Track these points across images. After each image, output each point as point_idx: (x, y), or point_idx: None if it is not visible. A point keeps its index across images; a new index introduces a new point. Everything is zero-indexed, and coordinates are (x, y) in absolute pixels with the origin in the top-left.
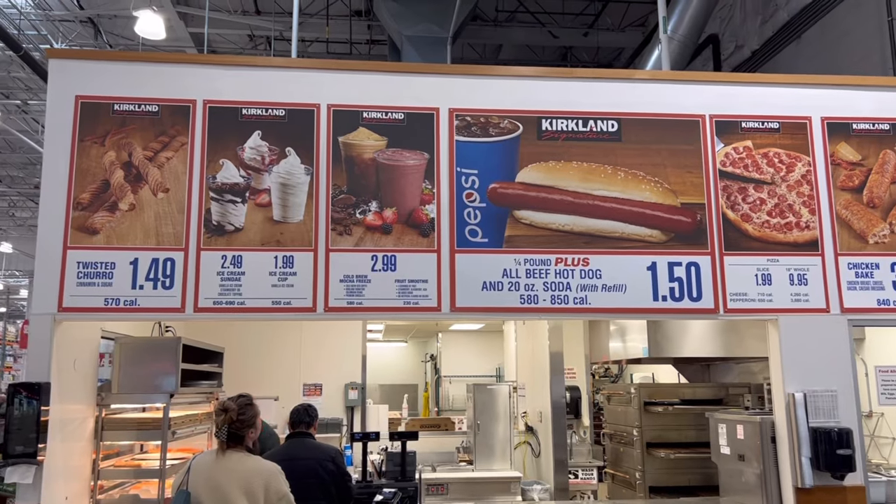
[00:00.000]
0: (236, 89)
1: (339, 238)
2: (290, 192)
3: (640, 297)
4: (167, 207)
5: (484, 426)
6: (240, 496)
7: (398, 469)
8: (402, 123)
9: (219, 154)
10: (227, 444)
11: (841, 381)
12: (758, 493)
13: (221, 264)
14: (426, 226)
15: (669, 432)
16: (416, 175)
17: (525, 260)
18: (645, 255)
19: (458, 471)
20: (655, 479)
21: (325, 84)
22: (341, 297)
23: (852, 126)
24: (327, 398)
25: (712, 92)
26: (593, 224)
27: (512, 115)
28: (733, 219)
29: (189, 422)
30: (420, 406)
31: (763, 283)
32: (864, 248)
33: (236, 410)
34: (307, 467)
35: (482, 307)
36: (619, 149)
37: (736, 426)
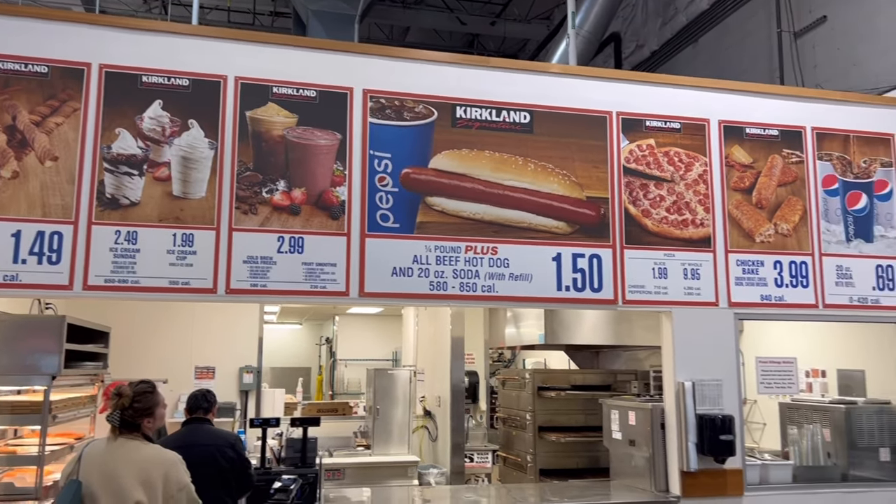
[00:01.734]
0: (136, 55)
1: (243, 217)
2: (193, 166)
3: (545, 286)
4: (55, 177)
5: (383, 411)
6: (136, 487)
7: (298, 455)
8: (314, 101)
9: (115, 123)
10: (119, 430)
11: (726, 370)
12: (646, 476)
13: (115, 240)
14: (336, 208)
15: (560, 416)
16: (328, 155)
17: (436, 247)
18: (551, 246)
19: (355, 455)
20: (545, 462)
21: (233, 55)
22: (244, 279)
23: (745, 130)
24: (220, 381)
25: (620, 90)
26: (503, 213)
27: (427, 100)
28: (634, 214)
29: (71, 405)
30: (313, 390)
31: (659, 276)
32: (751, 246)
33: (130, 397)
34: (205, 454)
35: (391, 293)
36: (531, 140)
37: (628, 412)
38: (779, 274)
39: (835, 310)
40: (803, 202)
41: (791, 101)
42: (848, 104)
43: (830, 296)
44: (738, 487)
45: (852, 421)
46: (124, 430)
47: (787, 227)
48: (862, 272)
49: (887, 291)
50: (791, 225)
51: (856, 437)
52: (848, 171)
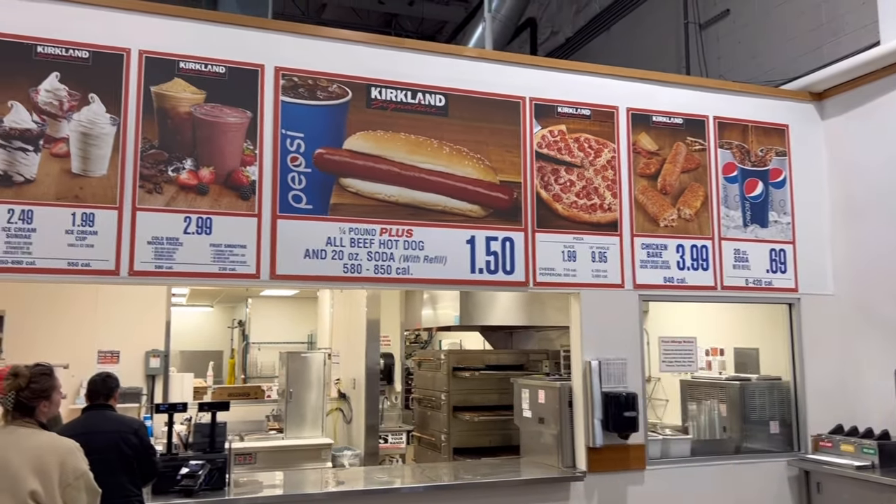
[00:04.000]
0: (30, 23)
1: (147, 196)
2: (93, 142)
3: (459, 269)
4: None
5: (296, 394)
6: (30, 476)
7: (206, 440)
8: (224, 78)
9: (7, 95)
10: (12, 413)
11: (630, 350)
12: (555, 453)
13: (8, 219)
14: (246, 188)
15: (474, 396)
16: (237, 134)
17: (350, 229)
18: (465, 229)
19: (267, 439)
20: (459, 441)
21: (136, 27)
22: (148, 261)
23: (652, 118)
24: (125, 366)
25: (533, 76)
26: (418, 196)
27: (341, 79)
28: (546, 198)
29: None
30: (225, 373)
31: (569, 259)
32: (655, 230)
33: (28, 377)
34: (107, 441)
35: (304, 275)
36: (446, 124)
37: (538, 391)
38: (681, 257)
39: (732, 291)
40: (705, 188)
41: (695, 90)
42: (747, 95)
43: (728, 278)
44: (641, 461)
45: (746, 396)
46: (17, 415)
47: (690, 212)
48: (757, 256)
49: (780, 274)
50: (693, 210)
51: (749, 412)
52: (746, 159)
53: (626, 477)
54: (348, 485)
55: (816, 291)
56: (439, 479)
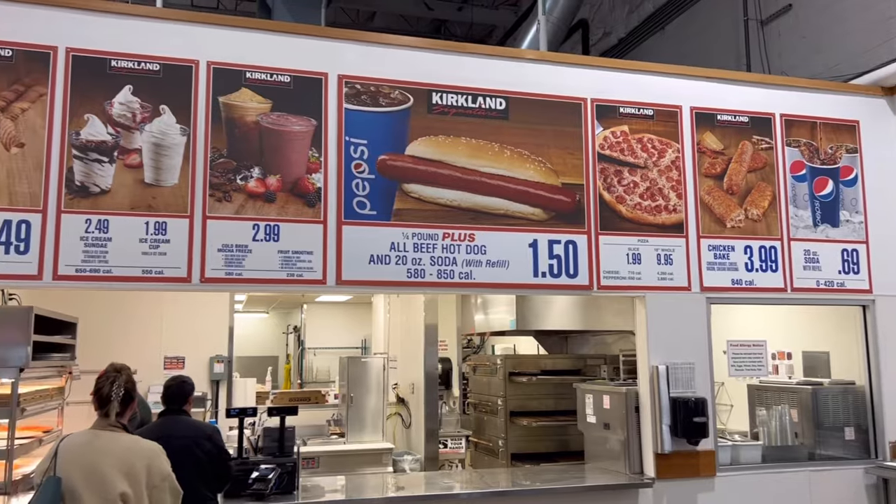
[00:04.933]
0: (105, 38)
1: (217, 205)
2: (164, 153)
3: (521, 273)
4: (22, 164)
5: (356, 399)
6: (120, 479)
7: (275, 445)
8: (289, 87)
9: (84, 108)
10: (106, 413)
11: (698, 354)
12: (621, 459)
13: (85, 229)
14: (312, 195)
15: (531, 401)
16: (303, 142)
17: (413, 234)
18: (527, 233)
19: (329, 444)
20: (517, 447)
21: (204, 39)
22: (219, 268)
23: (717, 117)
24: (190, 371)
25: (594, 76)
26: (480, 200)
27: (403, 86)
28: (609, 200)
29: (39, 398)
30: (281, 379)
31: (633, 261)
32: (722, 231)
33: (129, 372)
34: (182, 446)
35: (369, 280)
36: (506, 127)
37: (602, 396)
38: (749, 259)
39: (803, 293)
40: (772, 188)
41: (761, 88)
42: (815, 91)
43: (799, 279)
44: (711, 468)
45: (818, 401)
46: (108, 416)
47: (757, 212)
48: (828, 256)
49: (852, 275)
50: (761, 210)
51: (822, 417)
52: (815, 157)
53: (696, 484)
54: (411, 490)
55: (892, 292)
56: (502, 485)
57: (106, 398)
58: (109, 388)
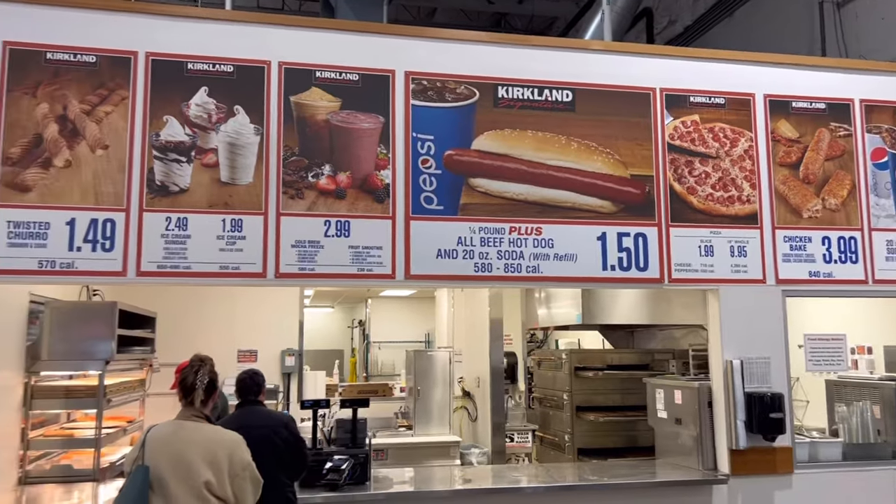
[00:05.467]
0: (181, 42)
1: (290, 202)
2: (239, 152)
3: (589, 266)
4: (106, 165)
5: (423, 392)
6: (204, 468)
7: (348, 436)
8: (357, 85)
9: (162, 110)
10: (191, 402)
11: (774, 348)
12: (693, 455)
13: (166, 226)
14: (381, 192)
15: (597, 396)
16: (371, 139)
17: (480, 228)
18: (595, 226)
19: (398, 436)
20: (584, 442)
21: (275, 40)
22: (293, 263)
23: (791, 104)
24: (262, 364)
25: (663, 66)
26: (547, 194)
27: (469, 80)
28: (679, 191)
29: (123, 389)
30: (347, 372)
31: (706, 254)
32: (798, 221)
33: (212, 361)
34: (261, 436)
35: (437, 275)
36: (573, 119)
37: (674, 391)
38: (827, 250)
39: (885, 285)
40: (852, 176)
41: (838, 73)
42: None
43: (881, 271)
44: (788, 465)
45: None
46: (200, 400)
47: (836, 201)
48: None
49: None
50: (839, 200)
51: None
52: None
53: (773, 481)
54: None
55: None
56: (569, 480)
57: (190, 387)
58: (194, 378)
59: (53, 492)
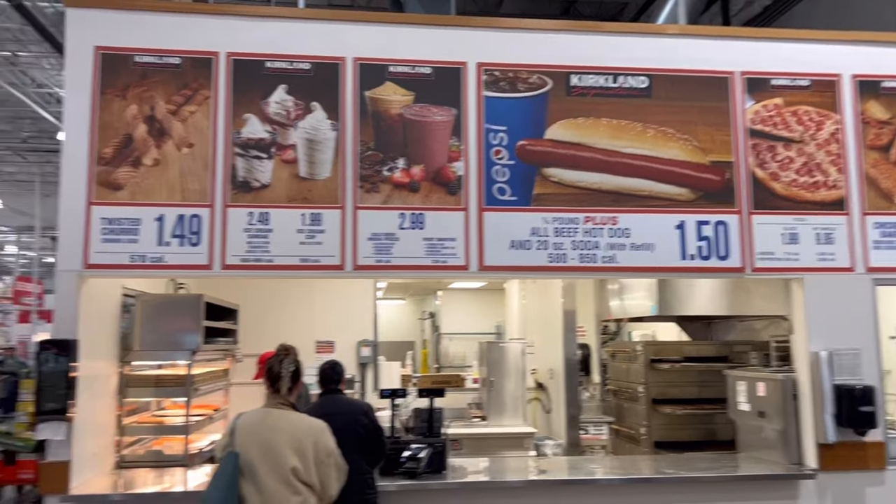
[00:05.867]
0: (260, 41)
1: (366, 195)
2: (317, 148)
3: (668, 255)
4: (192, 163)
5: (496, 383)
6: (291, 454)
7: (425, 425)
8: (430, 78)
9: (243, 108)
10: (277, 390)
11: (864, 339)
12: (778, 449)
13: (248, 221)
14: (454, 184)
15: (673, 389)
16: (444, 132)
17: (553, 218)
18: (673, 214)
19: (472, 427)
20: (660, 435)
21: (350, 37)
22: (370, 255)
23: (881, 84)
24: (339, 355)
25: (742, 48)
26: (622, 182)
27: (541, 70)
28: (762, 177)
29: (210, 378)
30: (418, 363)
31: (790, 242)
32: (890, 207)
33: (296, 351)
34: (343, 423)
35: (510, 266)
36: (649, 105)
37: (757, 384)
38: None
39: None
40: None
41: None
42: None
43: None
44: (880, 461)
45: None
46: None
47: None
48: None
49: None
50: None
51: None
52: None
53: (864, 477)
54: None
55: None
56: (646, 472)
57: (276, 375)
58: (279, 367)
59: (147, 476)
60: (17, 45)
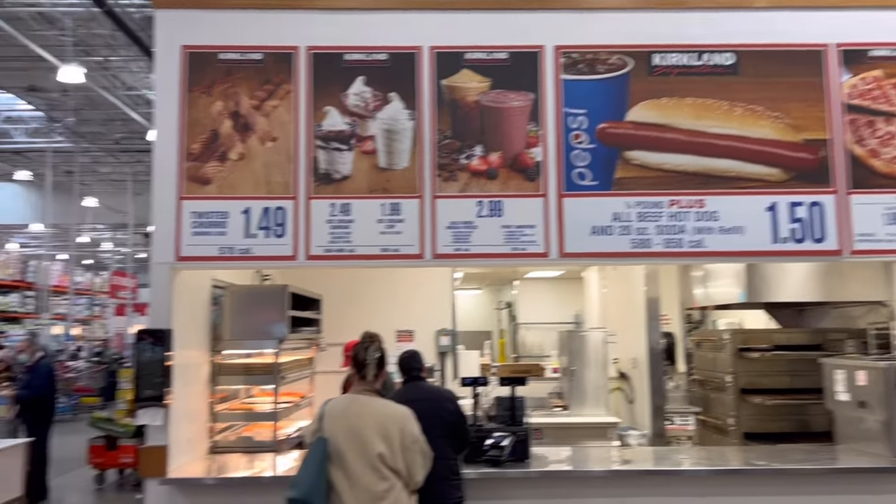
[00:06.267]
0: (338, 34)
1: (444, 184)
2: (395, 138)
3: (758, 239)
4: (275, 156)
5: (577, 372)
6: (378, 440)
7: (507, 413)
8: (506, 63)
9: (323, 101)
10: (364, 376)
11: None
12: (881, 441)
13: (330, 212)
14: (532, 170)
15: (763, 378)
16: (521, 117)
17: (636, 203)
18: (764, 195)
19: (553, 416)
20: (749, 426)
21: (426, 25)
22: (448, 244)
23: None
24: (418, 344)
25: (837, 18)
26: (709, 164)
27: (621, 50)
28: (860, 155)
29: (296, 366)
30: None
31: (892, 222)
32: None
33: (380, 338)
34: (428, 409)
35: (592, 252)
36: (736, 83)
37: (856, 372)
38: None
39: None
40: None
41: None
42: None
43: None
44: None
45: None
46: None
47: None
48: None
49: None
50: None
51: None
52: None
53: None
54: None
55: None
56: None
57: (362, 362)
58: (364, 354)
59: (238, 461)
60: (108, 51)
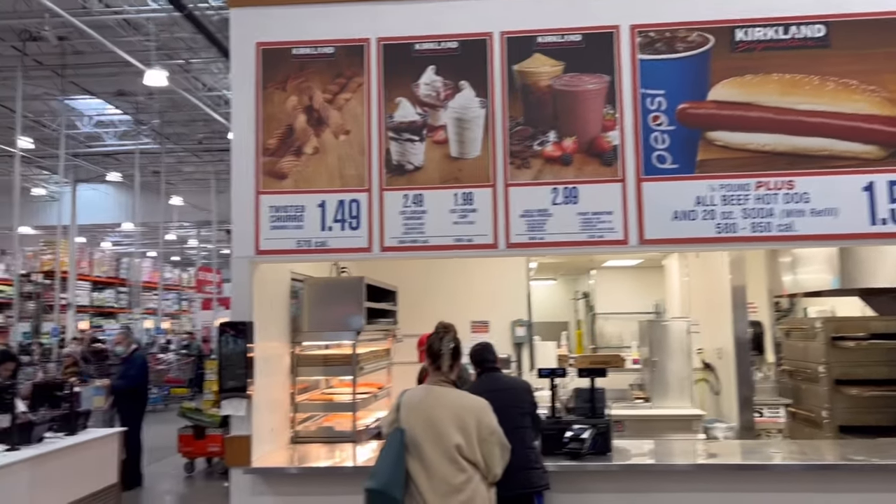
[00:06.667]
0: (408, 24)
1: (517, 172)
2: (466, 126)
3: (854, 221)
4: (349, 149)
5: (659, 363)
6: (454, 432)
7: (587, 406)
8: (580, 45)
9: (394, 92)
10: (439, 367)
11: None
12: None
13: (403, 203)
14: (609, 154)
15: (858, 368)
16: (597, 100)
17: (720, 185)
18: (860, 175)
19: (634, 408)
20: (844, 419)
21: (496, 11)
22: (522, 233)
23: None
24: (494, 335)
25: None
26: (798, 142)
27: (701, 26)
28: None
29: (373, 357)
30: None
31: None
32: None
33: (455, 329)
34: (507, 398)
35: (673, 238)
36: (827, 56)
37: None
38: None
39: None
40: None
41: None
42: None
43: None
44: None
45: None
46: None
47: None
48: None
49: None
50: None
51: None
52: None
53: None
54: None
55: None
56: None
57: (437, 353)
58: (439, 344)
59: (319, 451)
60: (189, 53)
